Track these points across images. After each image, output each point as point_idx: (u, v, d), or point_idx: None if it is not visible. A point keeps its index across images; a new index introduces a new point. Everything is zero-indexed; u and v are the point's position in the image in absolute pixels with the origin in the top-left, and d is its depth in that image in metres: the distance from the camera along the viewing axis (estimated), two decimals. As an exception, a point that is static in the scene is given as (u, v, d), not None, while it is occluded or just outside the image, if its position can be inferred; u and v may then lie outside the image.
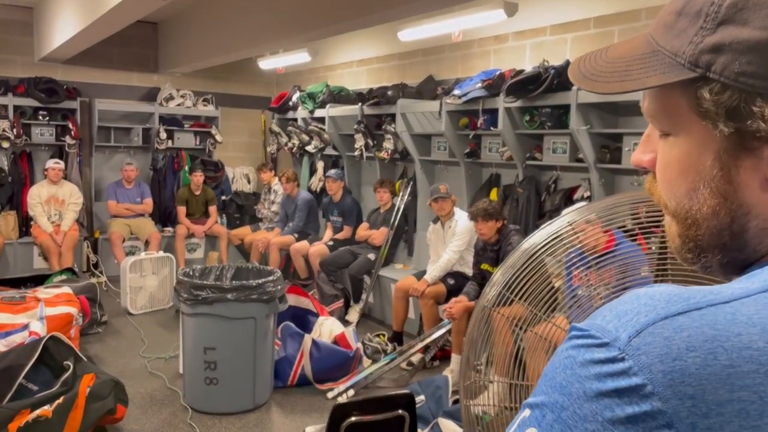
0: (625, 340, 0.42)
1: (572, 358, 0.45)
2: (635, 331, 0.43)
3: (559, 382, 0.45)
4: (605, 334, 0.44)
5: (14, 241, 6.45)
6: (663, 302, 0.44)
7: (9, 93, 6.55)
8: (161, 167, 7.44)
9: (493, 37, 5.14)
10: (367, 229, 5.80)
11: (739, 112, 0.47)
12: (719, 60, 0.47)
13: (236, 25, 5.61)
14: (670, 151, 0.53)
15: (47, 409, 3.03)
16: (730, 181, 0.49)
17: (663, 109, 0.53)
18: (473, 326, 1.64)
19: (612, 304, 0.47)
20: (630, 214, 1.89)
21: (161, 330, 5.17)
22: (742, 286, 0.46)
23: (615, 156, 4.00)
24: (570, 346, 0.46)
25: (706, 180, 0.50)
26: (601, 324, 0.45)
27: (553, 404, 0.44)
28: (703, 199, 0.51)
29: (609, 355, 0.43)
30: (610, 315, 0.45)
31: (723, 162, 0.49)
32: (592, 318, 0.46)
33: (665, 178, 0.54)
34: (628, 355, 0.42)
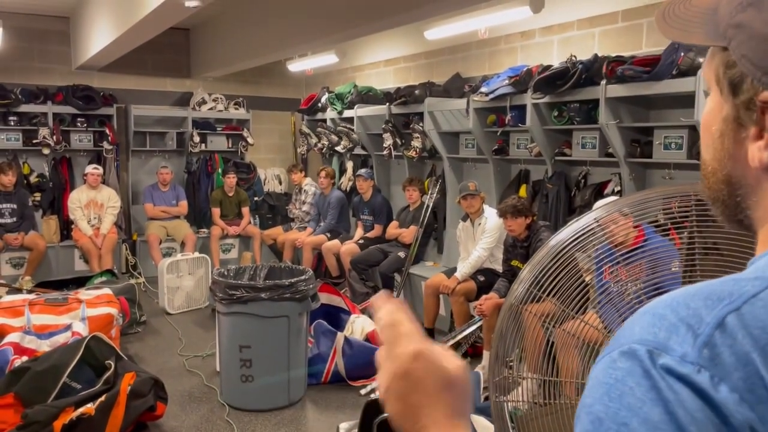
0: (696, 350, 0.43)
1: (632, 391, 0.44)
2: (703, 343, 0.43)
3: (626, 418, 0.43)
4: (670, 352, 0.44)
5: (56, 244, 6.66)
6: (708, 308, 0.45)
7: (48, 101, 6.77)
8: (195, 170, 7.60)
9: (519, 33, 5.12)
10: (397, 227, 5.83)
11: (738, 88, 0.51)
12: (737, 37, 0.50)
13: (265, 29, 5.70)
14: (706, 106, 0.58)
15: (90, 407, 3.13)
16: (724, 148, 0.54)
17: (707, 69, 0.57)
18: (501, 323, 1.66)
19: (651, 315, 0.47)
20: (662, 209, 1.89)
21: (198, 329, 5.29)
22: (763, 267, 0.48)
23: (646, 150, 3.95)
24: (627, 373, 0.45)
25: (712, 141, 0.56)
26: (660, 341, 0.45)
27: None
28: (711, 158, 0.56)
29: (683, 370, 0.43)
30: (662, 330, 0.46)
31: (722, 129, 0.54)
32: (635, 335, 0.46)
33: (701, 128, 0.59)
34: (704, 366, 0.43)
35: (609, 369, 0.46)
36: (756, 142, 0.51)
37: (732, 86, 0.52)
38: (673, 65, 3.59)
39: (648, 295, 1.62)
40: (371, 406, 2.50)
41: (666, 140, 3.82)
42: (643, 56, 3.87)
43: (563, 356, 2.05)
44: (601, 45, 4.44)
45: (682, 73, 3.57)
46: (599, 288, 2.06)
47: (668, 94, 3.75)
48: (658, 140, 3.86)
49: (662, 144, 3.83)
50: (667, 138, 3.82)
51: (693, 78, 3.47)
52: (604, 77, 3.94)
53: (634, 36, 4.23)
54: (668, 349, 0.44)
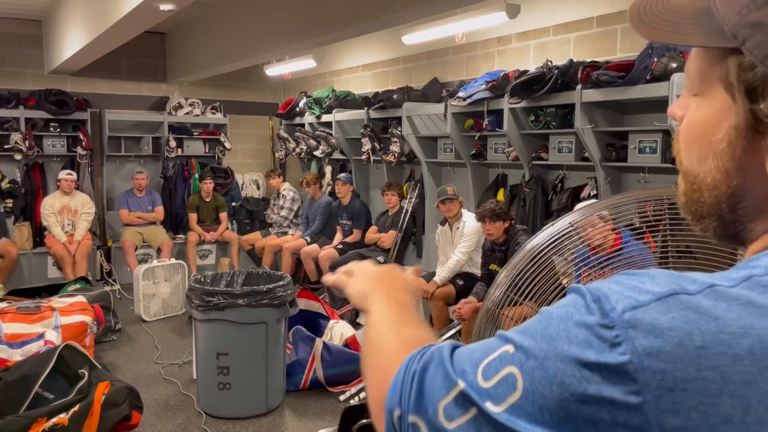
0: (619, 312, 0.46)
1: (570, 314, 0.48)
2: (630, 306, 0.46)
3: (550, 333, 0.48)
4: (605, 302, 0.47)
5: (28, 251, 6.53)
6: (661, 284, 0.47)
7: (20, 106, 6.64)
8: (171, 175, 7.52)
9: (496, 39, 5.16)
10: (376, 232, 5.83)
11: (757, 93, 0.47)
12: (755, 37, 0.46)
13: (242, 33, 5.66)
14: (694, 112, 0.54)
15: (63, 417, 3.07)
16: (734, 159, 0.50)
17: (699, 70, 0.53)
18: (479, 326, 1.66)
19: (621, 277, 0.50)
20: (637, 212, 1.91)
21: (174, 336, 5.23)
22: (734, 275, 0.48)
23: (621, 154, 4.00)
24: (571, 302, 0.49)
25: (714, 152, 0.51)
26: (606, 293, 0.48)
27: (539, 351, 0.48)
28: (708, 170, 0.52)
29: (601, 321, 0.46)
30: (616, 287, 0.49)
31: (731, 138, 0.50)
32: (600, 284, 0.50)
33: (685, 137, 0.56)
34: (617, 326, 0.46)
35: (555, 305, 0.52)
36: None
37: (749, 91, 0.48)
38: (647, 70, 3.64)
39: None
40: (350, 411, 2.49)
41: (640, 144, 3.87)
42: (617, 61, 3.93)
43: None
44: (577, 50, 4.49)
45: (655, 78, 3.63)
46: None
47: (642, 99, 3.80)
48: (632, 144, 3.91)
49: (637, 148, 3.88)
50: (641, 142, 3.87)
51: (666, 83, 3.52)
52: (579, 82, 3.98)
53: (608, 41, 4.29)
54: (606, 297, 0.48)
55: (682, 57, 3.59)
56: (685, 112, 0.56)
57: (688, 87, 0.56)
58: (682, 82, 3.47)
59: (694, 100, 0.54)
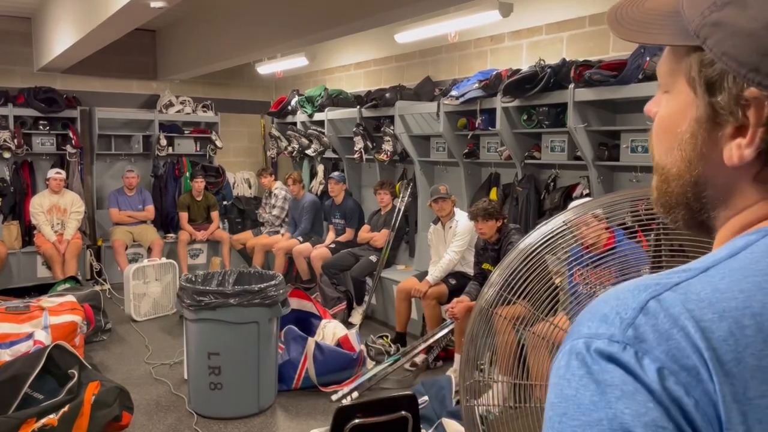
0: (620, 335, 0.46)
1: (589, 375, 0.47)
2: (627, 324, 0.47)
3: (587, 404, 0.46)
4: (600, 336, 0.47)
5: (17, 250, 6.47)
6: (630, 296, 0.49)
7: (9, 103, 6.58)
8: (162, 174, 7.46)
9: (489, 38, 5.16)
10: (369, 231, 5.81)
11: (715, 86, 0.51)
12: (715, 35, 0.50)
13: (234, 30, 5.63)
14: (664, 108, 0.58)
15: (53, 418, 3.04)
16: (695, 149, 0.54)
17: (668, 68, 0.56)
18: (472, 326, 1.65)
19: (588, 312, 0.51)
20: (629, 211, 1.90)
21: (165, 336, 5.19)
22: (711, 258, 0.51)
23: (613, 153, 4.01)
24: (578, 365, 0.48)
25: (679, 143, 0.55)
26: (593, 331, 0.48)
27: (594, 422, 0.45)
28: (674, 160, 0.56)
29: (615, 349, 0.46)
30: (594, 321, 0.49)
31: (693, 130, 0.54)
32: (577, 332, 0.49)
33: (656, 131, 0.59)
34: (628, 344, 0.46)
35: (555, 370, 0.50)
36: (734, 140, 0.51)
37: (708, 85, 0.52)
38: (639, 69, 3.65)
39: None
40: (342, 412, 2.48)
41: (633, 143, 3.88)
42: (609, 61, 3.93)
43: (534, 359, 2.06)
44: (569, 49, 4.49)
45: (647, 77, 3.63)
46: (570, 290, 2.06)
47: (634, 98, 3.80)
48: (625, 143, 3.91)
49: (629, 147, 3.89)
50: (633, 141, 3.88)
51: (658, 82, 3.52)
52: (572, 81, 3.98)
53: (601, 41, 4.29)
54: (598, 335, 0.47)
55: (674, 56, 3.60)
56: (658, 108, 0.59)
57: (660, 85, 0.59)
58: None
59: (664, 96, 0.58)
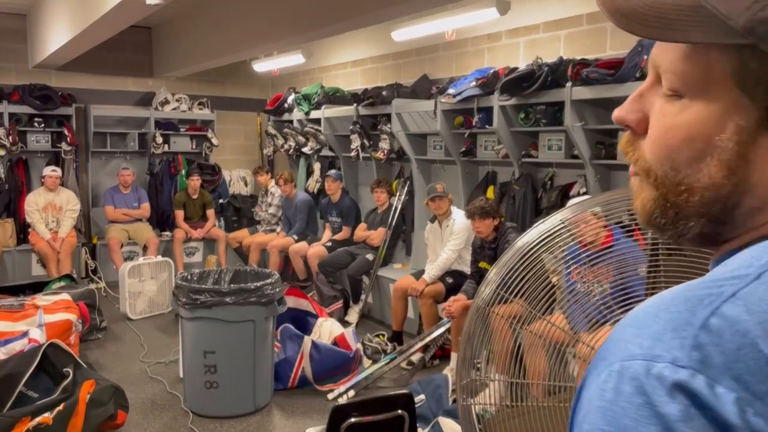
0: (686, 358, 0.41)
1: (649, 405, 0.41)
2: (690, 345, 0.42)
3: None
4: (659, 358, 0.42)
5: (12, 248, 6.44)
6: (685, 311, 0.43)
7: (4, 100, 6.54)
8: (158, 172, 7.44)
9: (486, 36, 5.15)
10: (365, 229, 5.80)
11: None
12: None
13: (230, 28, 5.61)
14: (677, 115, 0.51)
15: (48, 417, 3.03)
16: (743, 156, 0.48)
17: (690, 69, 0.50)
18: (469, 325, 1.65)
19: (633, 326, 0.45)
20: (627, 210, 1.90)
21: (161, 335, 5.17)
22: (739, 266, 0.46)
23: (610, 152, 4.00)
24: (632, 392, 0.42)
25: (717, 150, 0.49)
26: (648, 352, 0.43)
27: None
28: (707, 169, 0.49)
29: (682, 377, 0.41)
30: (646, 339, 0.44)
31: (742, 136, 0.48)
32: (625, 350, 0.44)
33: (664, 142, 0.52)
34: (697, 371, 0.41)
35: (600, 391, 0.44)
36: None
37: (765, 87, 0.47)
38: (636, 68, 3.64)
39: (614, 297, 1.63)
40: (339, 410, 2.47)
41: (630, 142, 3.87)
42: (607, 59, 3.93)
43: (530, 357, 2.05)
44: (567, 47, 4.49)
45: (644, 75, 3.61)
46: (567, 289, 2.06)
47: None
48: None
49: (626, 146, 3.88)
50: (630, 140, 3.87)
51: (648, 82, 3.52)
52: (569, 79, 3.98)
53: (598, 39, 4.29)
54: (657, 357, 0.42)
55: (672, 55, 3.60)
56: (641, 115, 0.53)
57: (647, 89, 0.53)
58: (672, 79, 3.48)
59: (668, 103, 0.51)
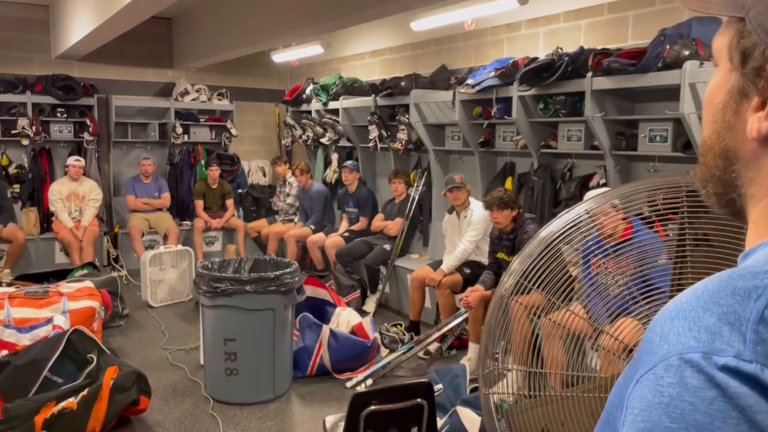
0: (751, 353, 0.40)
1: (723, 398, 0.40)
2: (753, 340, 0.41)
3: None
4: (722, 352, 0.41)
5: (36, 236, 6.56)
6: (737, 304, 0.42)
7: (27, 91, 6.64)
8: (178, 162, 7.51)
9: (505, 26, 5.11)
10: (383, 219, 5.82)
11: (748, 57, 0.51)
12: (755, 7, 0.50)
13: (249, 18, 5.63)
14: (710, 81, 0.57)
15: (72, 401, 3.09)
16: (724, 120, 0.53)
17: (717, 42, 0.56)
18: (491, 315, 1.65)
19: (684, 319, 0.44)
20: (647, 201, 1.89)
21: (181, 322, 5.25)
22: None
23: (631, 143, 3.97)
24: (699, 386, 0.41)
25: (713, 114, 0.55)
26: (707, 345, 0.42)
27: None
28: (709, 132, 0.55)
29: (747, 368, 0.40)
30: (702, 333, 0.42)
31: (725, 101, 0.53)
32: (678, 343, 0.43)
33: (703, 106, 0.58)
34: (764, 365, 0.40)
35: (658, 387, 0.42)
36: (756, 113, 0.51)
37: (743, 56, 0.51)
38: (659, 58, 3.60)
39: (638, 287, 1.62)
40: (358, 398, 2.49)
41: (651, 133, 3.83)
42: (628, 49, 3.88)
43: (548, 347, 2.05)
44: (587, 37, 4.45)
45: (667, 65, 3.58)
46: (586, 280, 2.06)
47: (653, 87, 3.76)
48: (643, 133, 3.87)
49: (647, 137, 3.85)
50: (652, 131, 3.83)
51: (678, 71, 3.48)
52: (590, 69, 3.94)
53: (620, 28, 4.24)
54: (719, 350, 0.41)
55: (695, 44, 3.55)
56: None
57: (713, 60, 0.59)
58: (695, 69, 3.43)
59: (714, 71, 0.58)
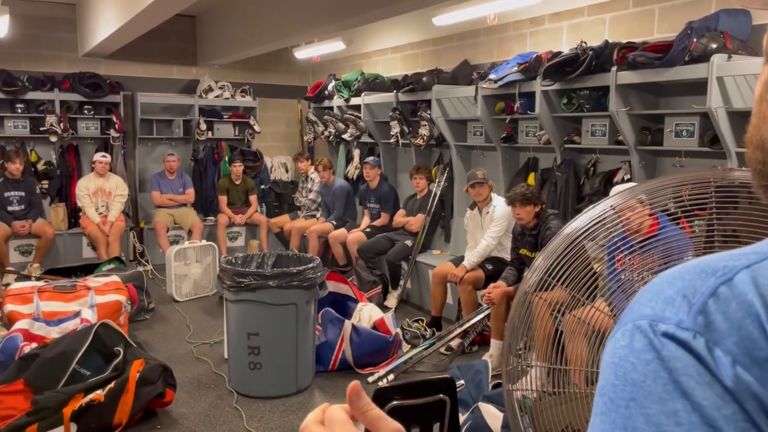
0: (691, 322, 0.44)
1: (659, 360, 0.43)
2: (697, 311, 0.44)
3: (647, 391, 0.43)
4: (667, 320, 0.45)
5: (64, 231, 6.68)
6: (698, 280, 0.46)
7: (55, 88, 6.77)
8: (202, 158, 7.60)
9: (528, 20, 5.07)
10: (404, 215, 5.82)
11: None
12: None
13: (272, 15, 5.66)
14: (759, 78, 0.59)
15: (100, 393, 3.15)
16: (761, 112, 0.55)
17: (765, 39, 0.57)
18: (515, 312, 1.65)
19: (650, 292, 0.48)
20: (672, 197, 1.86)
21: (206, 316, 5.31)
22: (763, 244, 0.48)
23: (656, 137, 3.91)
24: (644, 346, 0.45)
25: (755, 107, 0.56)
26: (658, 313, 0.46)
27: None
28: (752, 124, 0.57)
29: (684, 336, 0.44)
30: (659, 303, 0.46)
31: (761, 93, 0.55)
32: (638, 312, 0.47)
33: None
34: (698, 333, 0.43)
35: (613, 349, 0.47)
36: None
37: None
38: (686, 51, 3.54)
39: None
40: (381, 393, 2.50)
41: (677, 128, 3.78)
42: (654, 42, 3.82)
43: (572, 344, 2.04)
44: (612, 31, 4.39)
45: (694, 59, 3.53)
46: (611, 276, 2.04)
47: (680, 81, 3.70)
48: (669, 128, 3.82)
49: (673, 131, 3.79)
50: (678, 125, 3.78)
51: (705, 64, 3.42)
52: (614, 64, 3.89)
53: (645, 22, 4.18)
54: (665, 318, 0.45)
55: (722, 37, 3.48)
56: None
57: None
58: (723, 63, 3.37)
59: None
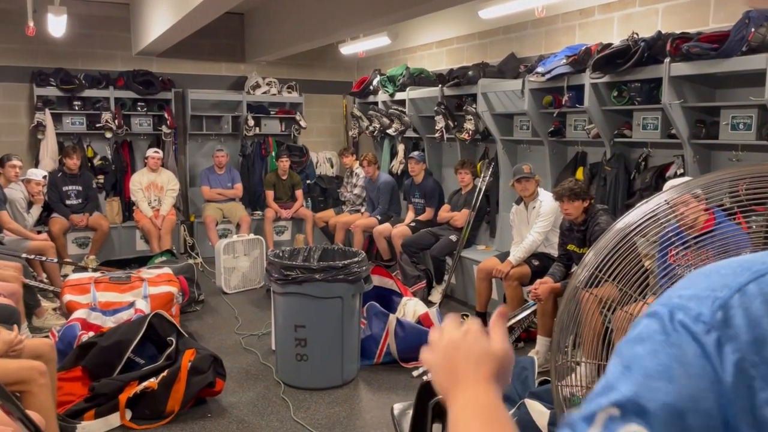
0: (709, 315, 0.47)
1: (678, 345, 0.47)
2: (719, 305, 0.47)
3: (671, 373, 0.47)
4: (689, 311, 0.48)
5: (118, 225, 6.91)
6: (731, 275, 0.48)
7: (110, 86, 7.01)
8: (250, 153, 7.74)
9: (578, 11, 4.97)
10: (449, 210, 5.80)
11: None
12: None
13: (317, 12, 5.70)
14: None
15: (153, 381, 3.26)
16: None
17: None
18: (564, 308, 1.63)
19: (686, 281, 0.51)
20: (728, 192, 1.81)
21: (253, 308, 5.41)
22: None
23: (711, 131, 3.79)
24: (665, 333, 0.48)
25: None
26: (683, 303, 0.49)
27: None
28: None
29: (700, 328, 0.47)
30: (688, 292, 0.49)
31: None
32: (668, 298, 0.50)
33: None
34: (714, 328, 0.46)
35: (636, 325, 0.51)
36: None
37: None
38: (743, 41, 3.41)
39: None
40: (426, 387, 2.51)
41: (734, 120, 3.65)
42: (710, 32, 3.70)
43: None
44: (665, 21, 4.27)
45: (752, 49, 3.40)
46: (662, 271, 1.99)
47: (737, 72, 3.58)
48: (725, 120, 3.69)
49: (729, 124, 3.67)
50: (734, 118, 3.65)
51: (764, 55, 3.30)
52: (668, 55, 3.78)
53: (700, 11, 4.05)
54: (687, 309, 0.48)
55: (783, 26, 3.35)
56: None
57: None
58: (784, 53, 3.25)
59: None
